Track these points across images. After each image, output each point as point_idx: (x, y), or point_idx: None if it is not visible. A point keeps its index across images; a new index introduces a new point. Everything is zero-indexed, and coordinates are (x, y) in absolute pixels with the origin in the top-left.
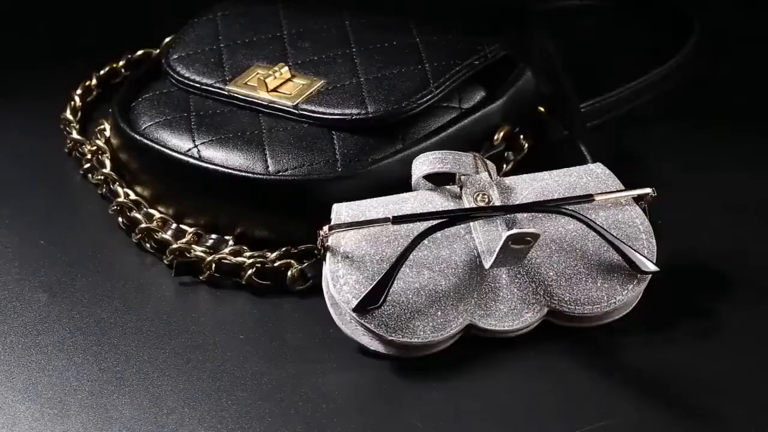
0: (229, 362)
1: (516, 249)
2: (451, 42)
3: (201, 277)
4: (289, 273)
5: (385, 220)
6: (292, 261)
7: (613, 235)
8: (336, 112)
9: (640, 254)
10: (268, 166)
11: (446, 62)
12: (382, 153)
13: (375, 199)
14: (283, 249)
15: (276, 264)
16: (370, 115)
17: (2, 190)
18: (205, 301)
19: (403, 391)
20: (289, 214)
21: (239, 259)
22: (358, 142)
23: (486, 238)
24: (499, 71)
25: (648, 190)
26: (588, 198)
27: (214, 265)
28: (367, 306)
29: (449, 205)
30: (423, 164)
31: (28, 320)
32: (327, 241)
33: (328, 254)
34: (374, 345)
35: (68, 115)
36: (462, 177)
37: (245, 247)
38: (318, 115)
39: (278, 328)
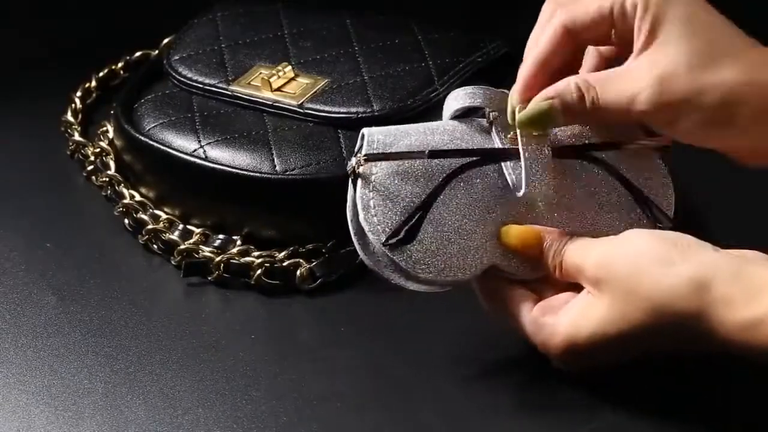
0: (241, 362)
1: None
2: (453, 40)
3: (210, 278)
4: (298, 272)
5: (422, 154)
6: (301, 260)
7: (637, 187)
8: (341, 110)
9: (661, 206)
10: (275, 166)
11: (449, 59)
12: None
13: (405, 126)
14: (291, 248)
15: (285, 264)
16: (376, 113)
17: (4, 192)
18: (214, 302)
19: (417, 388)
20: (296, 213)
21: (248, 259)
22: None
23: (518, 175)
24: (500, 69)
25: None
26: (616, 145)
27: (222, 265)
28: (397, 240)
29: (479, 139)
30: (455, 101)
31: (38, 323)
32: (360, 168)
33: (360, 181)
34: (397, 279)
35: (69, 117)
36: (491, 114)
37: (252, 247)
38: (323, 114)
39: (289, 328)
